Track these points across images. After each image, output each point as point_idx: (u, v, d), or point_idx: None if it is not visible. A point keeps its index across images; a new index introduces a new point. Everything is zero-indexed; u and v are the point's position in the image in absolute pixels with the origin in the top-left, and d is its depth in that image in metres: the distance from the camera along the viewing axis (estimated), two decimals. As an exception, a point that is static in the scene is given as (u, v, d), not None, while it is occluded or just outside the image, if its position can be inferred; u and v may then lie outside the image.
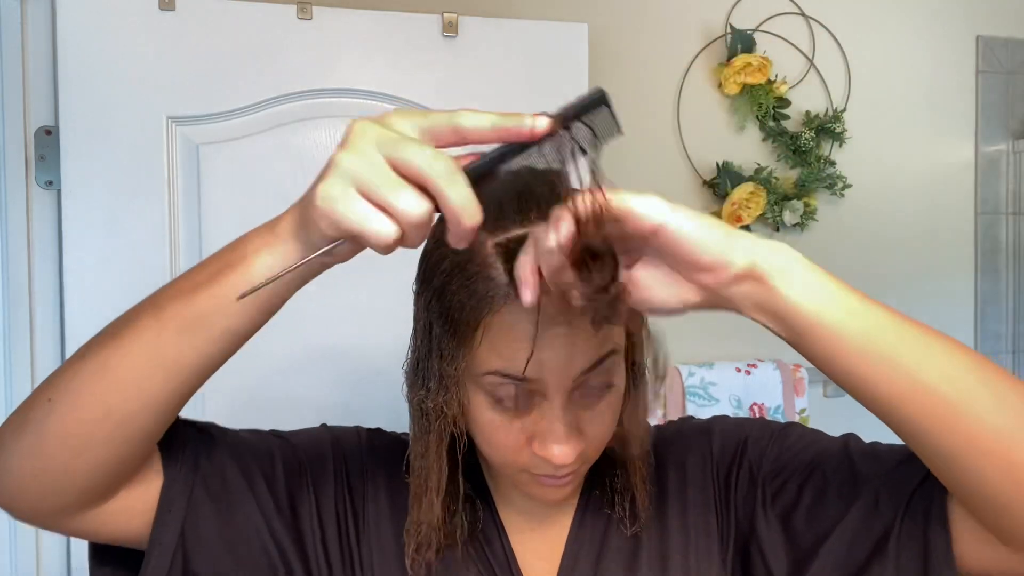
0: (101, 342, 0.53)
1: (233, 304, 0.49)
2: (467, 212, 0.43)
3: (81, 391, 0.51)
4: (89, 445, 0.51)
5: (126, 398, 0.51)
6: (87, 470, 0.52)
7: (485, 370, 0.55)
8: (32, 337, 1.16)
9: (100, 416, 0.50)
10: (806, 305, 0.48)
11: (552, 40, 1.30)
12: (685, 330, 1.53)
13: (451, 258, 0.57)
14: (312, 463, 0.64)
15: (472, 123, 0.45)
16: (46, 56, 1.16)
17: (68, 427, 0.50)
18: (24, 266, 1.16)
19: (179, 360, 0.51)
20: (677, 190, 1.53)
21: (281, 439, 0.65)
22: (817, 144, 1.56)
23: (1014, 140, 1.73)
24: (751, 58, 1.50)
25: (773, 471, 0.64)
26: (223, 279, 0.49)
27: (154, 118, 1.15)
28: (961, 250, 1.72)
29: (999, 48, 1.72)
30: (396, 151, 0.43)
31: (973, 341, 1.72)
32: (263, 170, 1.20)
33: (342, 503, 0.65)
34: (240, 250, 0.50)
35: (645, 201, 0.47)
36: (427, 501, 0.61)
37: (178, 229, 1.17)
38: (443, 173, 0.43)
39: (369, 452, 0.68)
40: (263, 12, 1.19)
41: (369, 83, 1.23)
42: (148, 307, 0.52)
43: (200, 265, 0.52)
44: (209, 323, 0.50)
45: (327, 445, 0.67)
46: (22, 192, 1.16)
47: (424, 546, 0.61)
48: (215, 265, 0.51)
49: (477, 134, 0.45)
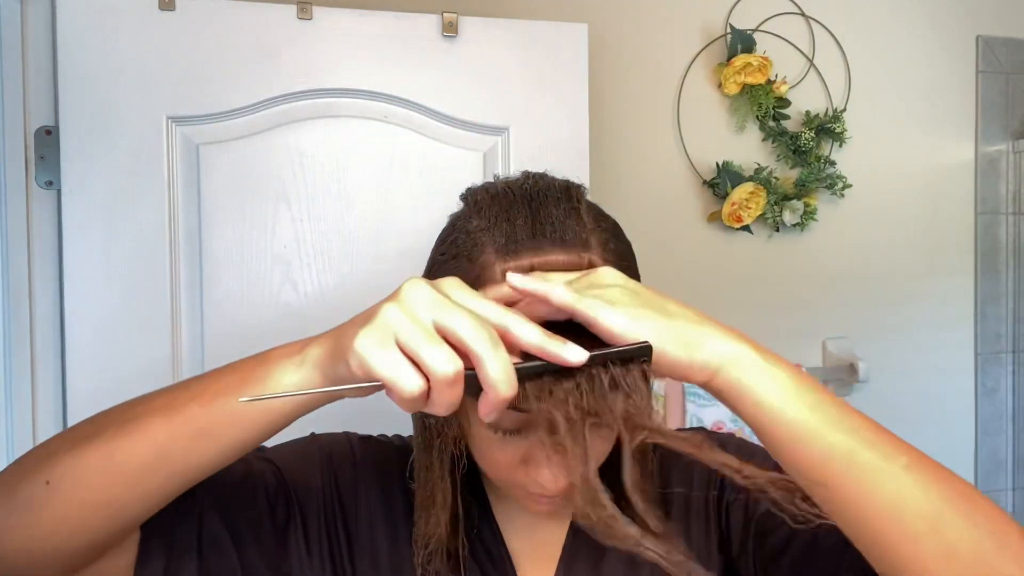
0: (107, 430, 0.51)
1: (246, 418, 0.49)
2: (504, 384, 0.43)
3: (83, 479, 0.50)
4: (83, 528, 0.50)
5: (128, 490, 0.50)
6: (75, 548, 0.51)
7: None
8: (32, 337, 1.16)
9: (100, 505, 0.50)
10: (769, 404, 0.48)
11: (552, 40, 1.30)
12: (685, 330, 1.53)
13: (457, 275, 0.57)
14: (299, 489, 0.64)
15: (520, 333, 0.45)
16: (46, 56, 1.16)
17: (65, 512, 0.50)
18: (24, 266, 1.16)
19: (186, 462, 0.50)
20: (677, 190, 1.53)
21: (267, 463, 0.64)
22: (817, 144, 1.56)
23: (1014, 140, 1.73)
24: (751, 58, 1.50)
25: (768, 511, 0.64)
26: (243, 393, 0.49)
27: (154, 118, 1.15)
28: (961, 250, 1.72)
29: (999, 48, 1.72)
30: (443, 313, 0.44)
31: (973, 341, 1.73)
32: (263, 170, 1.20)
33: (332, 523, 0.64)
34: (264, 366, 0.50)
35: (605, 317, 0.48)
36: (434, 515, 0.61)
37: (178, 229, 1.17)
38: (488, 342, 0.43)
39: (360, 462, 0.67)
40: (263, 12, 1.19)
41: (369, 83, 1.23)
42: (161, 406, 0.51)
43: (220, 371, 0.52)
44: (220, 432, 0.50)
45: (315, 462, 0.66)
46: (22, 192, 1.15)
47: (434, 554, 0.62)
48: (236, 375, 0.51)
49: (519, 343, 0.46)
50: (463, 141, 1.27)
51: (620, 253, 0.60)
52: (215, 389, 0.50)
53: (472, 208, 0.59)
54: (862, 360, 1.55)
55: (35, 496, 0.50)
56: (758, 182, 1.52)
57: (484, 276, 0.55)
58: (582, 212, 0.58)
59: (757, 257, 1.58)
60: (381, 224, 1.23)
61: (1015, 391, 1.75)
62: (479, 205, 0.59)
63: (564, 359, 0.45)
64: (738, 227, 1.53)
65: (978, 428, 1.73)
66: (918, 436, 1.93)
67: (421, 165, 1.25)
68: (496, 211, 0.57)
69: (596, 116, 1.40)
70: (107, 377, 1.12)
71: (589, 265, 0.55)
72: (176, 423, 0.50)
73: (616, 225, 0.63)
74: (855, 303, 1.64)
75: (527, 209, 0.57)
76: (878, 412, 1.88)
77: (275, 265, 1.20)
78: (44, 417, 1.16)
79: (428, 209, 1.25)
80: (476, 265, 0.56)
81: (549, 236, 0.55)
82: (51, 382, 1.16)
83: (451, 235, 0.59)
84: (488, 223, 0.57)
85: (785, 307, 1.59)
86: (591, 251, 0.56)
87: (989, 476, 1.73)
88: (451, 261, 0.58)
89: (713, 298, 1.55)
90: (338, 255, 1.22)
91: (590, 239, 0.57)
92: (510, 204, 0.57)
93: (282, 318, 1.20)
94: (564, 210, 0.57)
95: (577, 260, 0.55)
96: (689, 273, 1.54)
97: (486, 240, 0.56)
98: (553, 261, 0.55)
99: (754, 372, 0.48)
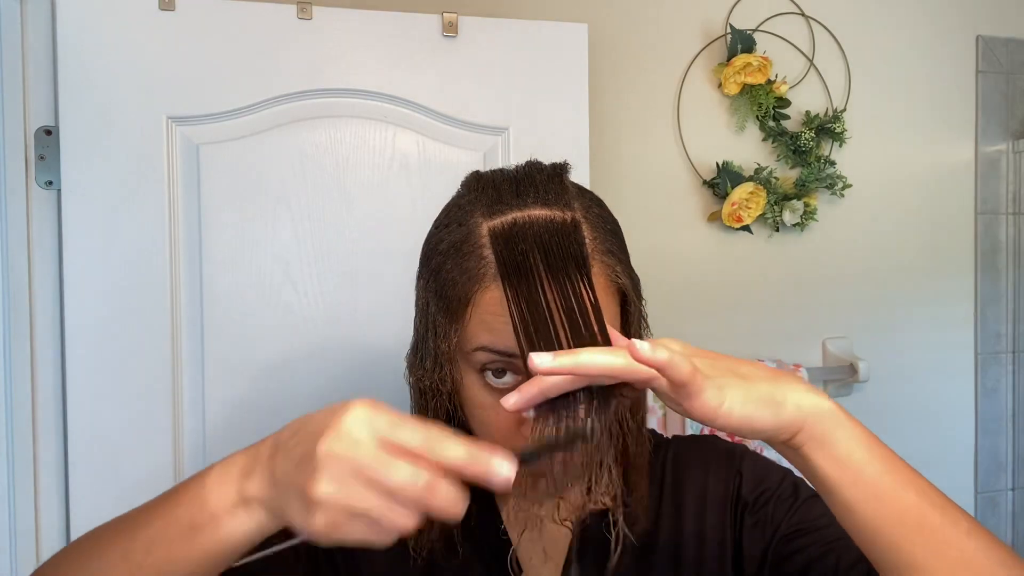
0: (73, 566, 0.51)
1: (207, 562, 0.47)
2: (453, 508, 0.42)
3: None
4: None
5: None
6: None
7: (474, 346, 0.57)
8: (32, 337, 1.16)
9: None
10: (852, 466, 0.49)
11: (552, 40, 1.30)
12: (685, 331, 1.53)
13: (448, 240, 0.60)
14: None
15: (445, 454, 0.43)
16: (46, 56, 1.16)
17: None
18: (24, 266, 1.16)
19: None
20: (677, 190, 1.53)
21: None
22: (817, 144, 1.56)
23: (1014, 140, 1.73)
24: (751, 58, 1.50)
25: (788, 535, 0.64)
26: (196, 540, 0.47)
27: (154, 118, 1.15)
28: (961, 250, 1.72)
29: (999, 48, 1.72)
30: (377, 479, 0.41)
31: (973, 341, 1.73)
32: (263, 170, 1.20)
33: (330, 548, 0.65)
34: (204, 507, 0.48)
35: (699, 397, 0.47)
36: None
37: (178, 229, 1.17)
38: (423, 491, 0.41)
39: None
40: (263, 12, 1.19)
41: (369, 83, 1.23)
42: (118, 547, 0.50)
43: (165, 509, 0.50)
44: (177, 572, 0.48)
45: None
46: (22, 192, 1.15)
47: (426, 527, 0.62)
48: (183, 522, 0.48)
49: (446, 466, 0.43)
50: (463, 141, 1.27)
51: (604, 219, 0.62)
52: (169, 535, 0.49)
53: (464, 188, 0.63)
54: (862, 360, 1.55)
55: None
56: (758, 182, 1.52)
57: (471, 237, 0.58)
58: (565, 181, 0.61)
59: (757, 257, 1.58)
60: (381, 224, 1.23)
61: (1015, 391, 1.75)
62: (469, 184, 0.63)
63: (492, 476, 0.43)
64: (738, 227, 1.53)
65: (978, 428, 1.73)
66: (918, 436, 1.93)
67: (421, 165, 1.25)
68: (484, 184, 0.61)
69: (596, 116, 1.40)
70: (107, 376, 1.12)
71: (572, 222, 0.57)
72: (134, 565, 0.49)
73: (601, 200, 0.65)
74: (855, 303, 1.64)
75: (513, 179, 0.60)
76: (878, 412, 1.88)
77: (275, 265, 1.20)
78: (44, 417, 1.16)
79: (428, 209, 1.24)
80: (464, 227, 0.58)
81: (532, 196, 0.57)
82: (51, 382, 1.16)
83: (445, 211, 0.63)
84: (477, 194, 0.60)
85: (785, 307, 1.59)
86: (574, 211, 0.58)
87: (989, 476, 1.73)
88: (443, 229, 0.61)
89: (713, 298, 1.55)
90: (338, 255, 1.22)
91: (573, 202, 0.59)
92: (500, 179, 0.61)
93: (282, 318, 1.20)
94: (547, 176, 0.60)
95: (560, 215, 0.57)
96: (689, 273, 1.54)
97: (475, 207, 0.59)
98: (536, 216, 0.56)
99: (838, 428, 0.48)
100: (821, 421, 0.48)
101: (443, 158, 1.26)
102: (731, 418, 0.47)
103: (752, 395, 0.47)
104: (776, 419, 0.48)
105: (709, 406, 0.46)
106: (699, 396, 0.46)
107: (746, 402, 0.47)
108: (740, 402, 0.47)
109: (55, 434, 1.16)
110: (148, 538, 0.49)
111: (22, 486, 1.14)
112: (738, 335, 1.55)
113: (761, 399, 0.48)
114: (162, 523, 0.49)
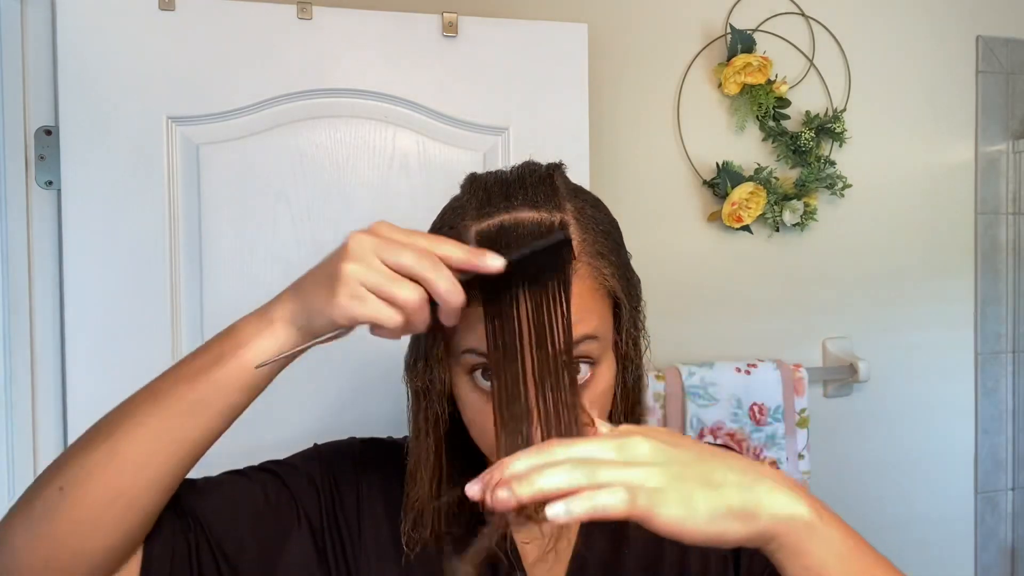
0: (105, 429, 0.56)
1: (231, 386, 0.54)
2: (452, 295, 0.51)
3: (92, 477, 0.53)
4: (99, 527, 0.53)
5: (135, 480, 0.54)
6: (93, 550, 0.54)
7: (463, 348, 0.58)
8: (32, 337, 1.16)
9: (111, 499, 0.53)
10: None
11: (552, 40, 1.30)
12: (685, 331, 1.53)
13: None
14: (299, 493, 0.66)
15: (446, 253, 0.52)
16: (46, 56, 1.16)
17: (80, 513, 0.53)
18: (24, 266, 1.16)
19: (182, 439, 0.55)
20: (677, 190, 1.53)
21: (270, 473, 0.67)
22: (817, 144, 1.56)
23: (1014, 140, 1.73)
24: (751, 58, 1.50)
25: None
26: (224, 364, 0.54)
27: (154, 118, 1.15)
28: (961, 250, 1.72)
29: (999, 48, 1.72)
30: (389, 254, 0.51)
31: (973, 341, 1.73)
32: (263, 170, 1.20)
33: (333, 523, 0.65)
34: (234, 339, 0.55)
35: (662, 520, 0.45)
36: (419, 477, 0.63)
37: (178, 229, 1.17)
38: (429, 268, 0.50)
39: (363, 464, 0.69)
40: (263, 12, 1.19)
41: (369, 83, 1.23)
42: (149, 395, 0.56)
43: (193, 355, 0.57)
44: (209, 404, 0.55)
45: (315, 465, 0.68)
46: (22, 192, 1.15)
47: (419, 524, 0.63)
48: (211, 354, 0.56)
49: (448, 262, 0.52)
50: (463, 141, 1.27)
51: (597, 220, 0.62)
52: (196, 367, 0.55)
53: (460, 189, 0.65)
54: (862, 360, 1.55)
55: (51, 503, 0.53)
56: (758, 182, 1.52)
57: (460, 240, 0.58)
58: (557, 182, 0.61)
59: (757, 257, 1.58)
60: (381, 224, 1.23)
61: (1015, 391, 1.75)
62: (464, 186, 0.64)
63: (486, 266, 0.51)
64: (738, 227, 1.53)
65: (978, 428, 1.73)
66: (918, 436, 1.93)
67: (421, 165, 1.25)
68: (477, 186, 0.62)
69: (596, 116, 1.40)
70: (107, 376, 1.12)
71: (560, 224, 0.57)
72: (165, 405, 0.54)
73: (599, 200, 0.65)
74: (855, 303, 1.64)
75: (504, 182, 0.61)
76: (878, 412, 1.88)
77: (275, 265, 1.20)
78: (44, 417, 1.16)
79: (428, 209, 1.24)
80: (455, 230, 0.60)
81: (520, 198, 0.58)
82: (51, 382, 1.16)
83: (441, 214, 0.65)
84: (470, 196, 0.61)
85: (785, 307, 1.59)
86: (564, 213, 0.58)
87: (989, 476, 1.73)
88: (437, 231, 0.63)
89: (713, 298, 1.55)
90: (338, 255, 1.22)
91: (564, 204, 0.59)
92: (492, 181, 0.62)
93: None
94: (538, 178, 0.60)
95: (548, 217, 0.57)
96: (689, 273, 1.54)
97: (466, 209, 0.60)
98: (523, 218, 0.57)
99: (812, 538, 0.47)
100: (796, 531, 0.47)
101: (443, 158, 1.26)
102: (698, 534, 0.44)
103: (722, 506, 0.45)
104: (748, 532, 0.46)
105: (672, 523, 0.44)
106: (656, 517, 0.44)
107: (714, 517, 0.45)
108: (707, 517, 0.44)
109: (55, 434, 1.16)
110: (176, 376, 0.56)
111: (23, 486, 1.14)
112: (738, 335, 1.55)
113: (731, 512, 0.45)
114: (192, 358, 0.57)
